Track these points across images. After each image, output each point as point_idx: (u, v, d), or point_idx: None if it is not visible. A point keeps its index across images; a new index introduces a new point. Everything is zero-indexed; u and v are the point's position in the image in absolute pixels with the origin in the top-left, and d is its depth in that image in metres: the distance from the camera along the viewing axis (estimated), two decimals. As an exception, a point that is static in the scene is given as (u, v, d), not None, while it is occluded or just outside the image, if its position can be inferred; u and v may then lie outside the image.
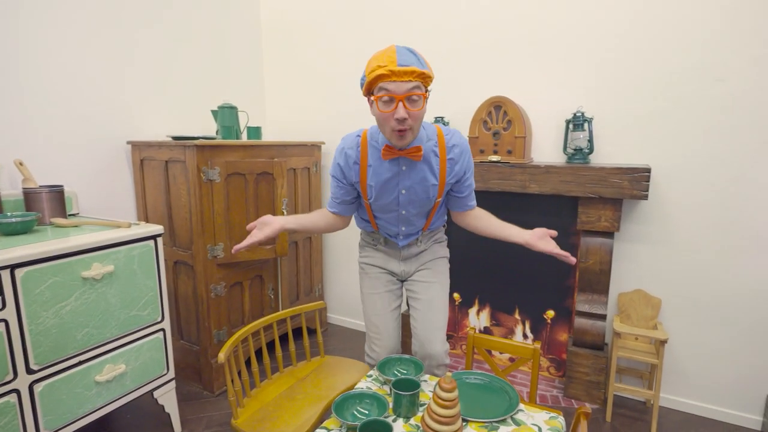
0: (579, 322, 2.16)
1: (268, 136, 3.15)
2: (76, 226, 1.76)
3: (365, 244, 1.71)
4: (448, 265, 1.70)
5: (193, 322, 2.24)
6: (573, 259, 1.38)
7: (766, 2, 1.76)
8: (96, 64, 2.13)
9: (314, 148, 2.77)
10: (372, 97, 1.27)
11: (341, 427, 1.19)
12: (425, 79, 1.23)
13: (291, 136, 3.08)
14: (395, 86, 1.20)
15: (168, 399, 1.90)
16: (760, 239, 1.89)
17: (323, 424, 1.21)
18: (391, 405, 1.26)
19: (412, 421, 1.22)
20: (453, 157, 1.41)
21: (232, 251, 1.41)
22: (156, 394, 1.84)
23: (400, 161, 1.39)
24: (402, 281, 1.70)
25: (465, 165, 1.45)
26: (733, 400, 2.04)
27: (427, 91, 1.26)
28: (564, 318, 2.32)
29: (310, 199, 2.77)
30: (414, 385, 1.26)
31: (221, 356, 1.27)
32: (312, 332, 2.98)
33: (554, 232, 1.40)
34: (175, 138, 2.13)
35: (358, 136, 1.44)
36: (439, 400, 1.15)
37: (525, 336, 2.45)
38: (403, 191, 1.43)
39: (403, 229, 1.55)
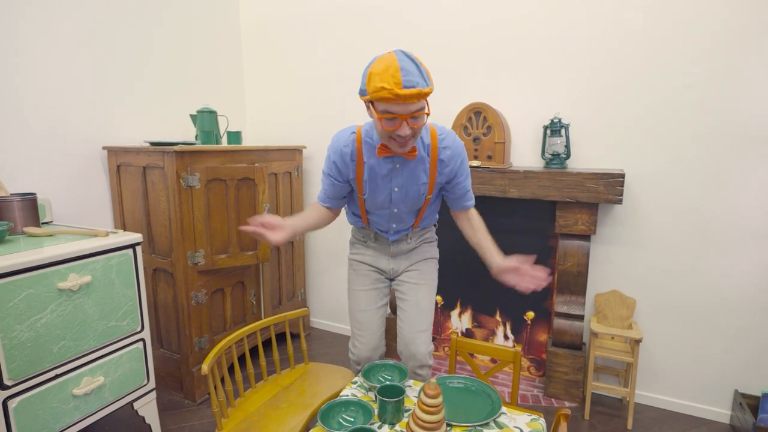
0: (558, 322, 2.21)
1: (248, 141, 3.12)
2: (50, 236, 1.71)
3: (356, 240, 1.72)
4: (437, 266, 1.72)
5: (174, 331, 2.21)
6: (530, 289, 1.33)
7: (735, 11, 1.84)
8: (69, 67, 2.07)
9: (295, 152, 2.76)
10: (373, 110, 1.24)
11: (327, 435, 1.19)
12: (428, 95, 1.21)
13: (272, 141, 3.06)
14: (400, 108, 1.18)
15: (148, 410, 1.86)
16: (730, 242, 1.98)
17: (309, 433, 1.21)
18: (376, 412, 1.27)
19: (398, 427, 1.24)
20: (444, 159, 1.41)
21: (240, 228, 1.41)
22: (136, 405, 1.81)
23: (394, 159, 1.39)
24: (390, 280, 1.71)
25: (456, 168, 1.44)
26: (703, 395, 2.13)
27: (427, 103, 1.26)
28: (543, 319, 2.37)
29: (291, 204, 2.76)
30: (399, 392, 1.28)
31: (204, 368, 1.25)
32: (295, 337, 2.97)
33: (529, 262, 1.33)
34: (154, 143, 2.09)
35: (353, 133, 1.43)
36: (424, 406, 1.17)
37: (506, 337, 2.49)
38: (396, 189, 1.44)
39: (394, 225, 1.57)
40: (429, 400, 1.17)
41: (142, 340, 1.81)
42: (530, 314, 2.40)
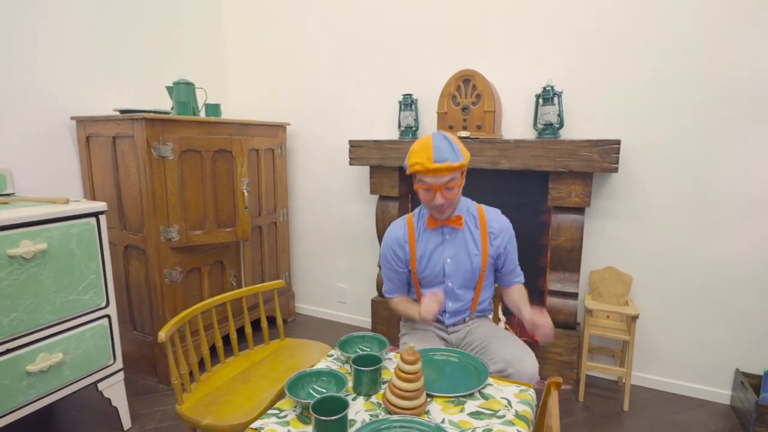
0: (551, 301, 2.11)
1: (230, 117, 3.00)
2: (5, 204, 1.59)
3: (408, 330, 1.60)
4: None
5: (147, 311, 2.09)
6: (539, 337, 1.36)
7: (732, -29, 1.74)
8: (35, 34, 1.95)
9: (279, 128, 2.65)
10: (414, 183, 1.43)
11: (295, 406, 1.09)
12: (460, 169, 1.35)
13: (256, 118, 2.94)
14: (432, 180, 1.35)
15: (115, 392, 1.75)
16: (732, 213, 1.88)
17: (276, 405, 1.10)
18: (351, 383, 1.16)
19: (374, 399, 1.13)
20: (493, 231, 1.49)
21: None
22: (101, 386, 1.69)
23: (443, 230, 1.49)
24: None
25: (506, 241, 1.50)
26: (703, 375, 2.03)
27: (463, 174, 1.40)
28: (537, 299, 2.27)
29: (275, 182, 2.65)
30: (375, 361, 1.17)
31: (162, 335, 1.14)
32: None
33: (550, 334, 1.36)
34: (123, 111, 1.97)
35: (404, 218, 1.57)
36: (401, 373, 1.06)
37: (498, 319, 2.39)
38: (449, 260, 1.48)
39: (450, 305, 1.52)
40: (407, 366, 1.06)
41: (108, 316, 1.69)
42: (522, 294, 2.30)
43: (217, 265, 2.32)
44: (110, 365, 1.72)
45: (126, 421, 1.80)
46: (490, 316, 1.68)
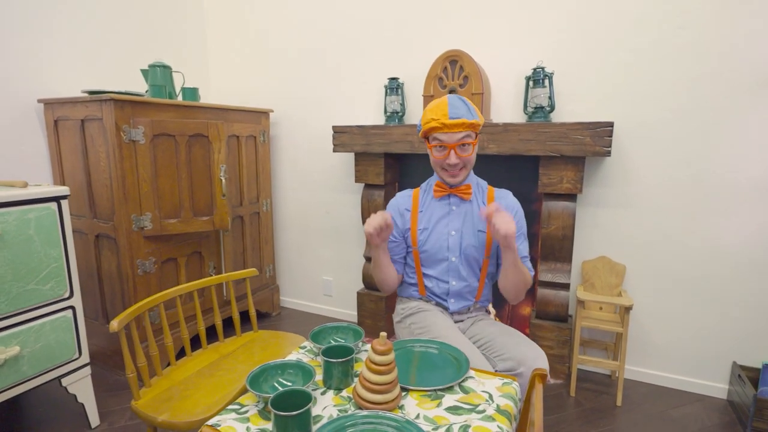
0: (542, 292, 2.03)
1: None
2: (-41, 187, 1.49)
3: (407, 314, 1.49)
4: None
5: (119, 303, 1.99)
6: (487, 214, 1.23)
7: (731, -56, 1.66)
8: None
9: (261, 115, 2.55)
10: (427, 143, 1.38)
11: (258, 401, 1.00)
12: (475, 127, 1.32)
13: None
14: (447, 137, 1.31)
15: (81, 387, 1.65)
16: (730, 199, 1.80)
17: (237, 400, 1.01)
18: (321, 376, 1.08)
19: (345, 393, 1.04)
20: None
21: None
22: (65, 381, 1.60)
23: (450, 201, 1.43)
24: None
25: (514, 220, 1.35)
26: (699, 368, 1.95)
27: (477, 136, 1.36)
28: (527, 291, 2.19)
29: (257, 171, 2.55)
30: (347, 352, 1.08)
31: (114, 324, 1.05)
32: (263, 316, 2.77)
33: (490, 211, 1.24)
34: (92, 93, 1.87)
35: (411, 189, 1.52)
36: (372, 365, 0.97)
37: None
38: (453, 232, 1.42)
39: (454, 284, 1.43)
40: (378, 357, 0.98)
41: (72, 308, 1.60)
42: (512, 286, 2.21)
43: (195, 255, 2.22)
44: (75, 360, 1.62)
45: (94, 418, 1.71)
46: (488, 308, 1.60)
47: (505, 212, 1.22)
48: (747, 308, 1.83)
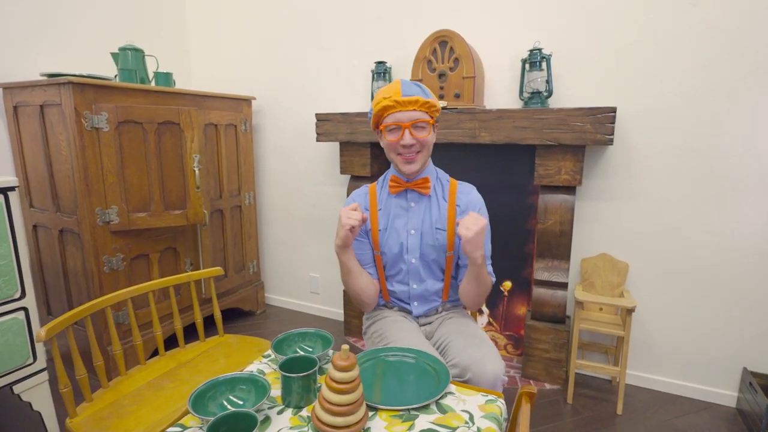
0: (537, 292, 1.89)
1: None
2: None
3: (373, 320, 1.38)
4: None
5: (86, 302, 1.86)
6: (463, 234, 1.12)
7: None
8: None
9: (242, 102, 2.40)
10: (380, 128, 1.27)
11: (202, 424, 0.87)
12: (430, 108, 1.21)
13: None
14: (401, 115, 1.20)
15: (36, 395, 1.53)
16: (740, 191, 1.66)
17: (180, 421, 0.88)
18: (279, 393, 0.94)
19: (305, 412, 0.91)
20: (459, 205, 1.31)
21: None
22: (17, 388, 1.47)
23: (408, 197, 1.31)
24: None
25: None
26: (706, 375, 1.82)
27: (433, 120, 1.24)
28: (522, 289, 2.05)
29: (238, 162, 2.41)
30: (311, 365, 0.95)
31: (41, 333, 0.92)
32: (246, 314, 2.64)
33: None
34: (50, 76, 1.73)
35: (366, 186, 1.40)
36: (333, 383, 0.84)
37: (480, 312, 2.17)
38: (412, 231, 1.30)
39: (415, 286, 1.32)
40: (339, 374, 0.84)
41: (24, 309, 1.47)
42: (507, 284, 2.08)
43: (169, 251, 2.09)
44: (29, 365, 1.49)
45: (53, 427, 1.59)
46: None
47: (469, 217, 1.12)
48: (758, 309, 1.69)
